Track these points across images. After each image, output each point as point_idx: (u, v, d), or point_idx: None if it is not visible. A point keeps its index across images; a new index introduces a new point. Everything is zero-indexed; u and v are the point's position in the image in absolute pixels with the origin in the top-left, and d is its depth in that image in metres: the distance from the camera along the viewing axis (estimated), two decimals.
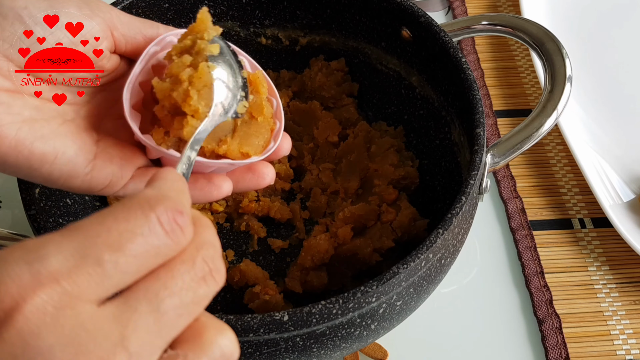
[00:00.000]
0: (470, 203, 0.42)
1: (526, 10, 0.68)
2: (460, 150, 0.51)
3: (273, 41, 0.59)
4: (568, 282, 0.55)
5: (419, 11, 0.51)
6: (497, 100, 0.67)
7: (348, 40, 0.58)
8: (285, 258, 0.54)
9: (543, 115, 0.47)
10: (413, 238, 0.52)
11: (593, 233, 0.57)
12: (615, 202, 0.56)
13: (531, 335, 0.52)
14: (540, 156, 0.63)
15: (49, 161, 0.31)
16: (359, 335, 0.39)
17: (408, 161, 0.56)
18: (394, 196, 0.53)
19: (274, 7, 0.57)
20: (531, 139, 0.47)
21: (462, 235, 0.43)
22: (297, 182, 0.57)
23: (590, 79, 0.66)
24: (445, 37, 0.49)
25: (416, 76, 0.55)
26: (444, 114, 0.53)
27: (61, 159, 0.31)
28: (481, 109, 0.45)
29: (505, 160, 0.46)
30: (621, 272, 0.55)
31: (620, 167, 0.59)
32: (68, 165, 0.31)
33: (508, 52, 0.71)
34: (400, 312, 0.41)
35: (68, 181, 0.32)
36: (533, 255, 0.56)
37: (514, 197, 0.59)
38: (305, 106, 0.59)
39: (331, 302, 0.36)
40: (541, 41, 0.50)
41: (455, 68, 0.47)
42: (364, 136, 0.57)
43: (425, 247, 0.38)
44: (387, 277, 0.37)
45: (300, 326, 0.36)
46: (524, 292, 0.54)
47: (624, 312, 0.53)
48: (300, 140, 0.59)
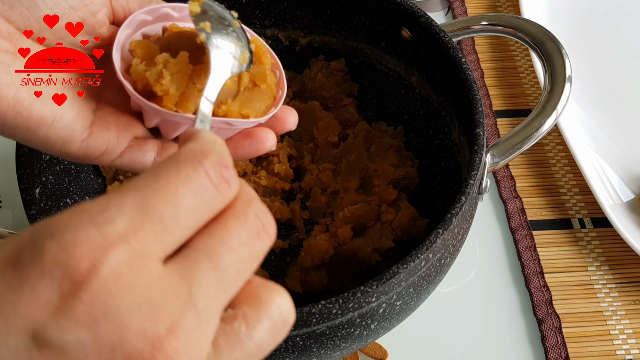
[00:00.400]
0: (470, 203, 0.42)
1: (526, 10, 0.68)
2: (460, 150, 0.51)
3: (273, 41, 0.59)
4: (568, 282, 0.55)
5: (418, 11, 0.51)
6: (496, 101, 0.67)
7: (348, 41, 0.58)
8: (285, 258, 0.54)
9: (543, 115, 0.47)
10: (413, 238, 0.52)
11: (593, 233, 0.58)
12: (614, 202, 0.56)
13: (531, 335, 0.52)
14: (539, 156, 0.63)
15: (47, 124, 0.31)
16: (358, 335, 0.39)
17: (408, 161, 0.56)
18: (393, 196, 0.53)
19: (273, 7, 0.57)
20: (531, 139, 0.47)
21: (462, 235, 0.43)
22: (297, 182, 0.57)
23: (590, 79, 0.66)
24: (445, 37, 0.49)
25: (416, 76, 0.55)
26: (443, 114, 0.53)
27: (58, 123, 0.31)
28: (481, 109, 0.45)
29: (505, 160, 0.46)
30: (621, 272, 0.55)
31: (620, 167, 0.59)
32: (65, 129, 0.32)
33: (508, 52, 0.71)
34: (400, 312, 0.41)
35: (64, 146, 0.32)
36: (533, 255, 0.56)
37: (513, 197, 0.59)
38: (305, 106, 0.59)
39: (331, 302, 0.36)
40: (541, 41, 0.50)
41: (455, 68, 0.47)
42: (363, 136, 0.57)
43: (425, 247, 0.38)
44: (387, 277, 0.37)
45: (300, 326, 0.36)
46: (523, 292, 0.54)
47: (624, 312, 0.53)
48: (300, 140, 0.59)
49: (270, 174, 0.56)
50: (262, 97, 0.35)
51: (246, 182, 0.23)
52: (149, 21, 0.34)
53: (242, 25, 0.35)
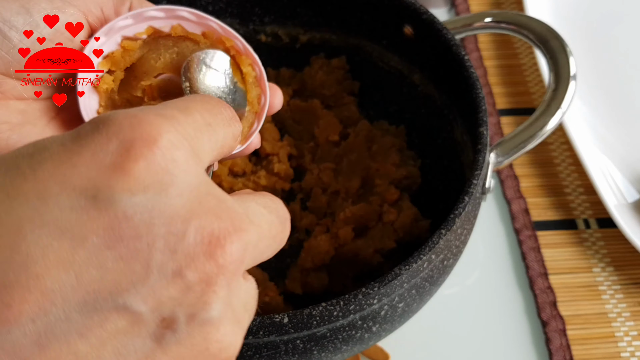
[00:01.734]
0: (473, 203, 0.42)
1: (530, 7, 0.68)
2: (463, 150, 0.50)
3: (273, 39, 0.59)
4: (572, 284, 0.54)
5: (421, 8, 0.50)
6: (500, 99, 0.66)
7: (349, 38, 0.58)
8: (285, 259, 0.53)
9: (547, 114, 0.46)
10: (415, 239, 0.51)
11: (598, 234, 0.57)
12: (620, 203, 0.55)
13: (535, 338, 0.51)
14: (544, 156, 0.62)
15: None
16: (360, 338, 0.39)
17: (410, 161, 0.56)
18: (395, 196, 0.53)
19: (273, 4, 0.57)
20: (535, 138, 0.46)
21: (465, 235, 0.43)
22: (297, 182, 0.57)
23: (595, 78, 0.65)
24: (447, 34, 0.48)
25: (418, 74, 0.55)
26: (446, 113, 0.53)
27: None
28: (484, 107, 0.44)
29: (509, 160, 0.46)
30: (626, 273, 0.55)
31: (626, 167, 0.58)
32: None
33: (511, 50, 0.70)
34: (402, 314, 0.40)
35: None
36: (537, 256, 0.55)
37: (517, 197, 0.59)
38: (306, 105, 0.58)
39: (332, 303, 0.36)
40: (545, 39, 0.49)
41: (458, 66, 0.47)
42: (365, 135, 0.56)
43: (428, 248, 0.38)
44: (389, 278, 0.37)
45: (301, 328, 0.36)
46: (527, 293, 0.54)
47: (629, 313, 0.53)
48: (301, 140, 0.59)
49: (270, 174, 0.56)
50: (246, 120, 0.35)
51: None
52: (128, 25, 0.34)
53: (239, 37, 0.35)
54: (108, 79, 0.34)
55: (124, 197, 0.19)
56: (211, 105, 0.24)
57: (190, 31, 0.34)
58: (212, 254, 0.20)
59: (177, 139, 0.21)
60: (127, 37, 0.34)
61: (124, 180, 0.19)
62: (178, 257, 0.19)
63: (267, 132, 0.57)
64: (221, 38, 0.35)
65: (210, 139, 0.23)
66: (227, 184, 0.54)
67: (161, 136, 0.20)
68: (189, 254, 0.20)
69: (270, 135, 0.57)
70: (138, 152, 0.19)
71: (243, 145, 0.35)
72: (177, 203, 0.20)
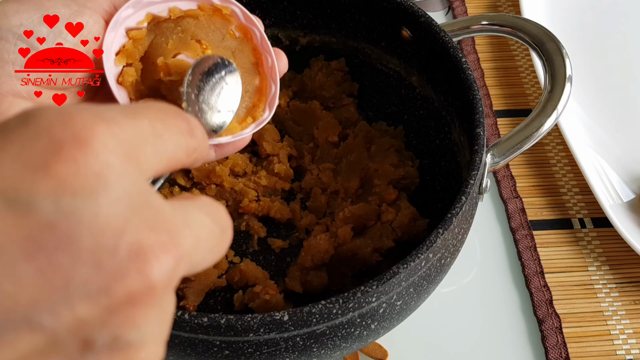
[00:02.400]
0: (470, 203, 0.42)
1: (526, 10, 0.68)
2: (461, 150, 0.51)
3: (273, 41, 0.59)
4: (568, 282, 0.55)
5: (419, 11, 0.51)
6: (497, 100, 0.67)
7: (348, 40, 0.58)
8: (286, 258, 0.54)
9: (543, 115, 0.47)
10: (413, 238, 0.51)
11: (593, 233, 0.57)
12: (615, 202, 0.56)
13: (531, 335, 0.52)
14: (540, 156, 0.63)
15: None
16: (359, 335, 0.39)
17: (408, 161, 0.56)
18: (394, 196, 0.53)
19: (273, 7, 0.57)
20: (531, 139, 0.46)
21: (462, 235, 0.43)
22: (297, 182, 0.57)
23: (591, 79, 0.66)
24: (445, 37, 0.49)
25: (416, 76, 0.55)
26: (444, 114, 0.53)
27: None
28: (481, 108, 0.45)
29: (505, 160, 0.46)
30: (621, 272, 0.55)
31: (620, 167, 0.59)
32: None
33: (508, 52, 0.71)
34: (401, 312, 0.41)
35: None
36: (533, 255, 0.56)
37: (514, 197, 0.59)
38: (305, 106, 0.59)
39: (331, 302, 0.36)
40: (541, 41, 0.50)
41: (455, 68, 0.47)
42: (364, 136, 0.57)
43: (425, 247, 0.38)
44: (387, 277, 0.37)
45: (301, 326, 0.36)
46: (524, 292, 0.54)
47: (624, 312, 0.53)
48: (300, 140, 0.59)
49: (270, 174, 0.56)
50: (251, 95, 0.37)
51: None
52: (130, 14, 0.34)
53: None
54: (130, 72, 0.34)
55: (48, 202, 0.17)
56: (166, 114, 0.22)
57: (186, 9, 0.35)
58: (142, 271, 0.18)
59: (113, 143, 0.19)
60: (130, 28, 0.34)
61: (49, 183, 0.17)
62: (105, 273, 0.17)
63: (267, 133, 0.57)
64: (217, 7, 0.36)
65: (157, 149, 0.21)
66: (228, 184, 0.55)
67: (95, 138, 0.18)
68: (118, 271, 0.18)
69: (271, 136, 0.57)
70: (68, 153, 0.18)
71: (269, 115, 0.36)
72: (109, 212, 0.18)
